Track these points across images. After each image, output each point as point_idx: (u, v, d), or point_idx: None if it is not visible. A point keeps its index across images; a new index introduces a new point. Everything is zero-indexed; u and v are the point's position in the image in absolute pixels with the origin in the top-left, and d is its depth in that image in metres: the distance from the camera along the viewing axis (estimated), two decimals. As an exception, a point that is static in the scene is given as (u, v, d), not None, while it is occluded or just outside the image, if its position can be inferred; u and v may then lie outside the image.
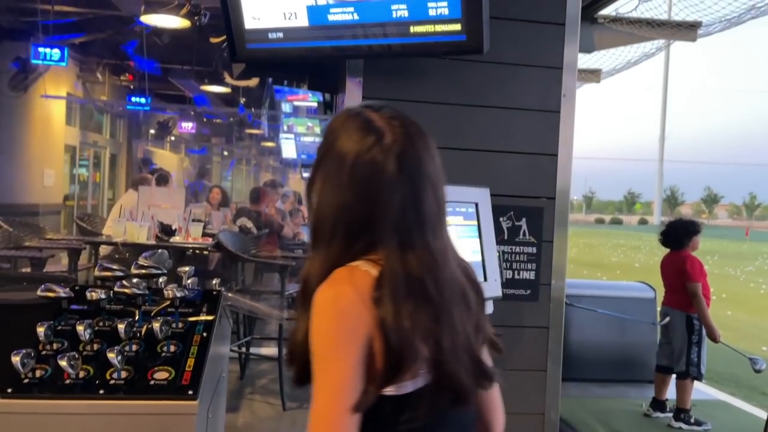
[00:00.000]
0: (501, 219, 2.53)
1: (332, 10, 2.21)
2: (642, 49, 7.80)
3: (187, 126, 13.99)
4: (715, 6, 5.83)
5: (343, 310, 1.11)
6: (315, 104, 10.75)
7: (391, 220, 1.16)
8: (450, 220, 2.24)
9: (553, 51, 2.60)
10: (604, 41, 6.72)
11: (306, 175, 10.52)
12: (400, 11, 2.15)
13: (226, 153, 22.27)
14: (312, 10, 2.23)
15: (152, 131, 16.97)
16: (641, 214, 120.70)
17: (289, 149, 11.97)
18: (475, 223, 2.33)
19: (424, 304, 1.13)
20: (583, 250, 26.65)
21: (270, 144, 17.80)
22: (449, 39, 2.14)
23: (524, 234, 2.56)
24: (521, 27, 2.56)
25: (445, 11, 2.12)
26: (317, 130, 11.48)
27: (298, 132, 11.47)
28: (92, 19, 7.36)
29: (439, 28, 2.14)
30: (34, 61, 7.19)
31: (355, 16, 2.19)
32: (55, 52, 7.00)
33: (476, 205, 2.35)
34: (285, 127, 11.59)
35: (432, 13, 2.13)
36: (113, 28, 7.78)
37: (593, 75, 8.42)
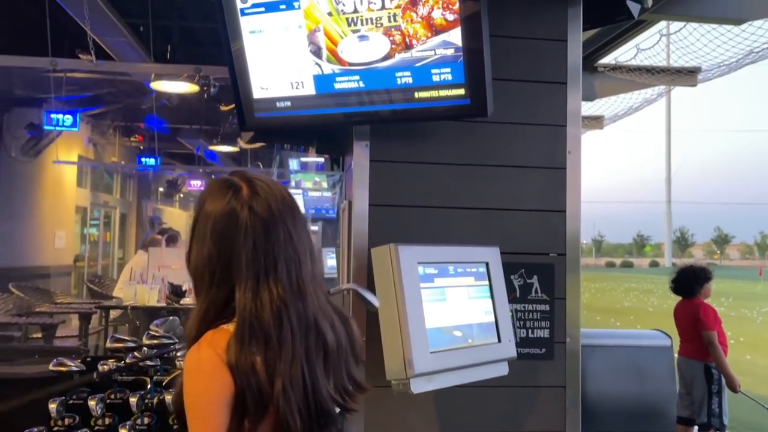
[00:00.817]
0: (512, 277, 2.51)
1: (338, 79, 2.26)
2: (643, 95, 7.91)
3: (196, 184, 14.14)
4: (713, 53, 5.94)
5: (206, 378, 1.18)
6: (322, 160, 10.92)
7: (244, 262, 1.24)
8: (461, 281, 2.26)
9: (557, 108, 2.63)
10: (605, 89, 6.84)
11: (314, 228, 10.65)
12: (405, 78, 2.20)
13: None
14: (319, 79, 2.28)
15: (161, 189, 17.16)
16: (652, 257, 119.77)
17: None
18: (487, 283, 2.32)
19: (266, 344, 1.19)
20: (595, 295, 26.38)
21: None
22: (454, 103, 2.19)
23: (536, 291, 2.54)
24: (524, 87, 2.60)
25: (449, 77, 2.17)
26: (324, 185, 11.66)
27: (305, 187, 11.64)
28: (106, 90, 7.60)
29: (444, 93, 2.19)
30: (46, 128, 7.33)
31: (361, 84, 2.24)
32: (68, 118, 7.13)
33: (487, 264, 2.34)
34: (293, 183, 11.75)
35: (436, 78, 2.18)
36: (129, 97, 7.99)
37: (596, 122, 8.51)
